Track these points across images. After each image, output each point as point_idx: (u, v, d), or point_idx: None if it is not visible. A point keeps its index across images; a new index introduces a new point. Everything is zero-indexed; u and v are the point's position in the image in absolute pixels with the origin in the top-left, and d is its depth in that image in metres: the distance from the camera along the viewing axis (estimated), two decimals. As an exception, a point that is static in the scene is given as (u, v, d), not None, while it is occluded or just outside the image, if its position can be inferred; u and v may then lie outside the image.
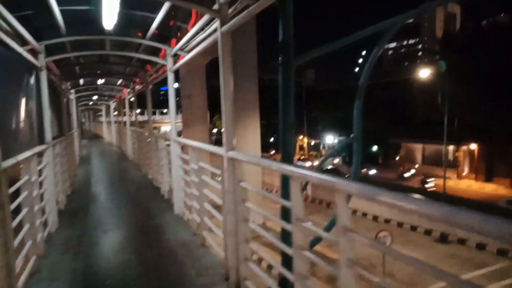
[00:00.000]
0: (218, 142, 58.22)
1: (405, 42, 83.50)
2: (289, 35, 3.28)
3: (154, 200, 6.65)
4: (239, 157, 2.79)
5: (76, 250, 4.18)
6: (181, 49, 5.22)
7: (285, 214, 3.86)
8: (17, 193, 3.32)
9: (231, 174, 2.95)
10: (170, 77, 5.54)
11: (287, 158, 3.69)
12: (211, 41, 3.62)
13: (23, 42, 4.38)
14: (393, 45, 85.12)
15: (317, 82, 76.07)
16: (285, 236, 3.97)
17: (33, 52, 4.60)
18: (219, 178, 3.32)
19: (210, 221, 4.12)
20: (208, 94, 22.02)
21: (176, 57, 5.58)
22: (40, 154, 4.57)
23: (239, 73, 17.26)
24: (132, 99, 13.54)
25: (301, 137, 59.45)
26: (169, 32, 5.61)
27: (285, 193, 4.13)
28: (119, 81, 11.41)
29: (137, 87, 10.73)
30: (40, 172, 4.60)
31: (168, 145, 6.19)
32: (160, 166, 7.23)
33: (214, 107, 25.24)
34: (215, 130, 65.15)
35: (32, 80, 4.63)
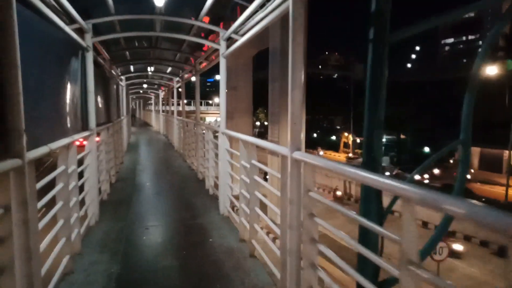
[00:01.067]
0: (260, 135, 57.89)
1: (464, 38, 77.66)
2: (386, 2, 2.55)
3: (198, 195, 6.24)
4: (310, 159, 2.18)
5: (114, 249, 3.82)
6: (236, 31, 4.67)
7: (365, 237, 3.10)
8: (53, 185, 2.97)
9: (296, 180, 2.35)
10: (222, 63, 5.02)
11: (373, 165, 2.90)
12: (276, 15, 3.01)
13: (69, 20, 4.06)
14: (450, 40, 79.49)
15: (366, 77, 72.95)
16: (363, 265, 3.20)
17: (80, 31, 4.28)
18: (269, 181, 2.73)
19: (262, 230, 3.56)
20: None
21: (229, 41, 5.05)
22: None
23: (285, 64, 16.97)
24: (180, 89, 13.38)
25: (346, 134, 57.52)
26: (223, 13, 5.09)
27: (366, 209, 3.35)
28: (169, 69, 11.19)
29: (186, 76, 10.44)
30: (82, 161, 4.33)
31: (216, 137, 5.74)
32: (205, 159, 6.83)
33: (257, 100, 25.11)
34: (257, 123, 64.90)
35: (77, 61, 4.32)
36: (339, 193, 26.35)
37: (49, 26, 3.42)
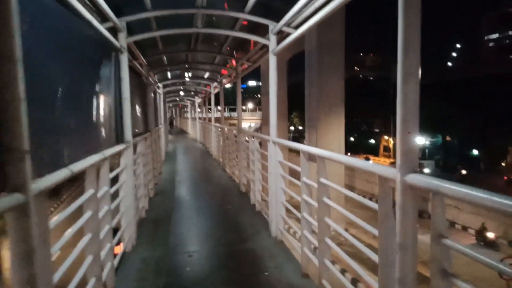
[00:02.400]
0: (294, 140, 56.66)
1: (510, 32, 72.54)
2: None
3: (243, 212, 5.57)
4: (435, 185, 1.41)
5: (154, 284, 3.21)
6: (288, 24, 3.97)
7: None
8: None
9: (411, 215, 1.59)
10: (272, 61, 4.34)
11: None
12: None
13: (101, 17, 3.55)
14: (494, 36, 74.57)
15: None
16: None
17: (112, 30, 3.77)
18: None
19: (335, 266, 2.79)
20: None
21: (279, 36, 4.36)
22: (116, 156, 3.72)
23: (324, 66, 16.21)
24: (218, 94, 12.92)
25: (386, 137, 55.11)
26: (271, 4, 4.41)
27: None
28: (206, 74, 10.71)
29: (224, 80, 9.90)
30: (117, 177, 3.80)
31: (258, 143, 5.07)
32: (250, 171, 6.16)
33: (290, 105, 24.55)
34: (292, 128, 63.77)
35: (110, 64, 3.80)
36: (490, 235, 15.81)
37: (80, 23, 2.89)
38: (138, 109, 5.82)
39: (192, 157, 13.09)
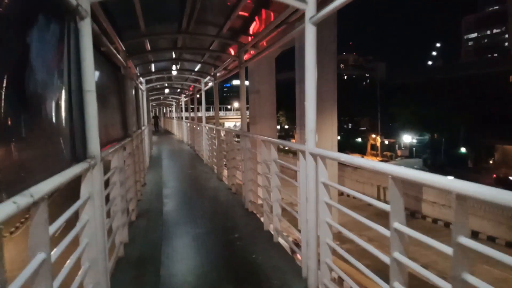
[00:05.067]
0: (280, 138, 54.75)
1: (488, 32, 73.59)
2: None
3: (258, 247, 4.07)
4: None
5: None
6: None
7: None
8: None
9: None
10: (311, 34, 2.95)
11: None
12: None
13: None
14: (473, 35, 75.49)
15: (389, 77, 70.19)
16: None
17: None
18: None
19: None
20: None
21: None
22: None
23: (316, 61, 15.50)
24: (204, 92, 11.43)
25: (373, 135, 54.54)
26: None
27: None
28: (197, 67, 9.16)
29: (219, 74, 8.45)
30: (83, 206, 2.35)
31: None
32: (264, 188, 4.73)
33: (277, 104, 23.71)
34: (277, 127, 62.32)
35: (60, 37, 2.34)
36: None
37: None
38: (112, 108, 4.34)
39: (181, 163, 11.53)
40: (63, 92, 2.32)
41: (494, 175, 34.89)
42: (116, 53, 4.74)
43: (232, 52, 6.27)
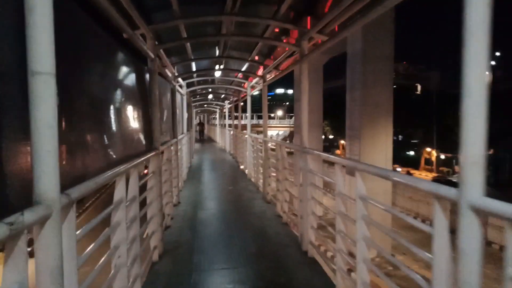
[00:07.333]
0: (325, 149, 52.73)
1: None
2: None
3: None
4: None
5: None
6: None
7: None
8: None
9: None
10: None
11: None
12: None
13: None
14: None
15: (446, 86, 65.36)
16: None
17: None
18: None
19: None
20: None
21: None
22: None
23: (369, 69, 14.54)
24: (252, 96, 10.19)
25: (428, 149, 50.46)
26: None
27: None
28: (245, 66, 7.91)
29: (268, 75, 7.14)
30: None
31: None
32: (337, 232, 3.30)
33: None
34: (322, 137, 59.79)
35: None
36: None
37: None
38: (129, 112, 3.15)
39: (222, 177, 10.26)
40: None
41: None
42: (144, 40, 3.56)
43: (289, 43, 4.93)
